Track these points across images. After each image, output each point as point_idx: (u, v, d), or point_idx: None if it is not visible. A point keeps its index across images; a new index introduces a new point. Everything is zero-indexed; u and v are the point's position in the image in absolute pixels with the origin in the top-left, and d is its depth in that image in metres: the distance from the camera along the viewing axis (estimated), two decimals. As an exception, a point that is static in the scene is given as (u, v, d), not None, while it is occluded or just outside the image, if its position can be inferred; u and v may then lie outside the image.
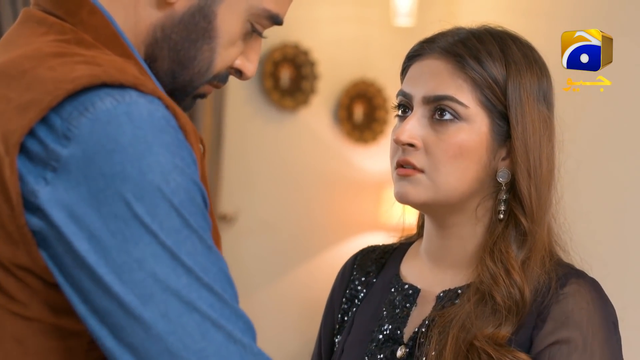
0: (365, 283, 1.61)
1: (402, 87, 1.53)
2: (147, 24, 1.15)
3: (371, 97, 4.65)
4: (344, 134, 4.64)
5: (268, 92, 4.47)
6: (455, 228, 1.50)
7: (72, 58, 1.05)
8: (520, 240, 1.46)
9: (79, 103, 1.01)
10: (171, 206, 1.00)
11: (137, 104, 1.01)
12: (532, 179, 1.46)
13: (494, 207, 1.49)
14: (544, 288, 1.43)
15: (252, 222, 4.48)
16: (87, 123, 1.00)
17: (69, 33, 1.10)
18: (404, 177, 1.47)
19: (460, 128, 1.46)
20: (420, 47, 1.52)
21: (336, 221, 4.63)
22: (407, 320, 1.52)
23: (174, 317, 0.99)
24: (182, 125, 1.05)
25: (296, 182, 4.58)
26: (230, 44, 1.18)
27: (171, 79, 1.17)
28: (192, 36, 1.15)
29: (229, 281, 1.04)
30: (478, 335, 1.41)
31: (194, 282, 1.00)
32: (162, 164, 1.00)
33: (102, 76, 1.02)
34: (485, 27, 1.52)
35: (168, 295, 0.99)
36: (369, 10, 4.66)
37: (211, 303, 1.01)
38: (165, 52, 1.15)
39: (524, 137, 1.46)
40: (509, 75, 1.47)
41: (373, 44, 4.68)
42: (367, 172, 4.68)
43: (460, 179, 1.46)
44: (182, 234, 1.00)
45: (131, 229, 0.99)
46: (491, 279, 1.44)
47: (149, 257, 0.99)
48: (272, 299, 4.53)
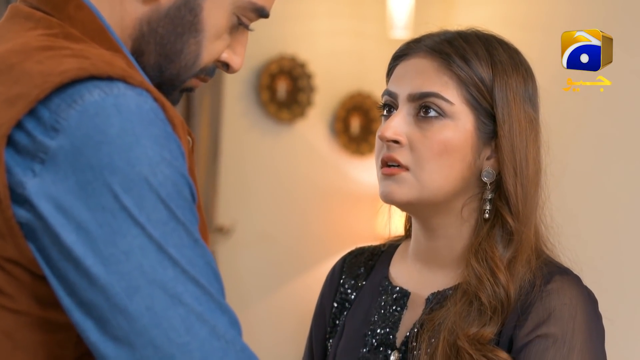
0: (354, 286, 1.61)
1: (387, 86, 1.53)
2: (133, 18, 1.15)
3: (367, 109, 4.66)
4: (341, 146, 4.65)
5: (265, 104, 4.48)
6: (441, 229, 1.50)
7: (60, 51, 1.05)
8: (507, 240, 1.46)
9: (67, 96, 1.01)
10: (158, 198, 1.00)
11: (125, 96, 1.01)
12: (518, 178, 1.46)
13: (480, 207, 1.48)
14: (528, 286, 1.43)
15: (249, 234, 4.48)
16: (75, 115, 1.00)
17: (57, 27, 1.10)
18: (388, 176, 1.47)
19: (445, 125, 1.46)
20: (406, 47, 1.53)
21: (333, 233, 4.64)
22: (398, 324, 1.52)
23: (159, 311, 0.99)
24: (170, 118, 1.05)
25: (293, 194, 4.59)
26: (217, 37, 1.18)
27: (158, 73, 1.17)
28: (179, 30, 1.15)
29: (215, 275, 1.04)
30: (461, 335, 1.41)
31: (180, 275, 1.00)
32: (149, 156, 1.00)
33: (90, 69, 1.02)
34: (472, 29, 1.52)
35: (154, 288, 0.99)
36: (366, 23, 4.68)
37: (197, 296, 1.01)
38: (152, 46, 1.16)
39: (510, 135, 1.46)
40: (495, 75, 1.47)
41: (369, 57, 4.69)
42: (364, 185, 4.68)
43: (445, 177, 1.45)
44: (169, 226, 1.00)
45: (119, 221, 0.98)
46: (476, 280, 1.44)
47: (136, 249, 0.99)
48: (268, 311, 4.53)
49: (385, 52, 4.72)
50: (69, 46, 1.07)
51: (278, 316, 4.54)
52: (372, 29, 4.67)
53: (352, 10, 4.67)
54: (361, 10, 4.68)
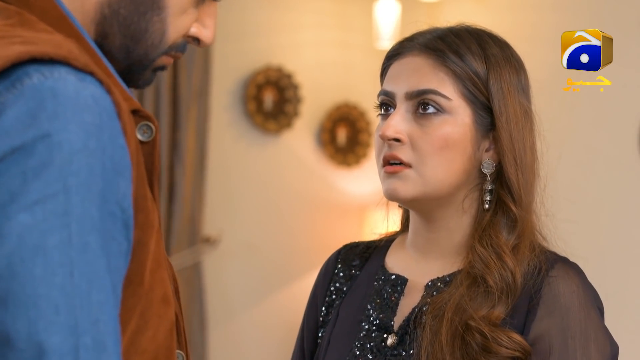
0: (349, 277, 1.62)
1: (383, 86, 1.54)
2: (94, 2, 1.13)
3: (354, 120, 4.67)
4: (327, 157, 4.66)
5: (251, 115, 4.48)
6: (442, 221, 1.52)
7: (10, 39, 1.04)
8: (510, 227, 1.48)
9: (9, 81, 0.99)
10: (63, 188, 0.97)
11: (65, 81, 0.99)
12: (518, 167, 1.48)
13: (480, 197, 1.51)
14: (534, 272, 1.45)
15: (236, 245, 4.48)
16: (11, 98, 0.98)
17: (14, 17, 1.09)
18: (392, 174, 1.48)
19: (445, 121, 1.48)
20: (399, 46, 1.55)
21: (319, 244, 4.64)
22: (396, 309, 1.53)
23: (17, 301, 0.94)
24: (116, 103, 1.03)
25: (279, 205, 4.59)
26: (182, 12, 1.16)
27: (125, 54, 1.15)
28: (141, 9, 1.13)
29: (91, 282, 0.98)
30: (474, 315, 1.42)
31: (48, 275, 0.95)
32: (71, 143, 0.97)
33: (31, 51, 1.01)
34: (462, 25, 1.55)
35: (20, 279, 0.95)
36: (352, 34, 4.69)
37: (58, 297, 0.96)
38: (116, 28, 1.14)
39: (508, 126, 1.49)
40: (489, 69, 1.49)
41: (356, 68, 4.70)
42: (350, 195, 4.69)
43: (447, 171, 1.48)
44: (59, 220, 0.96)
45: (14, 205, 0.96)
46: (483, 264, 1.46)
47: (14, 236, 0.95)
48: (254, 321, 4.53)
49: (371, 63, 4.75)
50: (21, 34, 1.05)
51: (264, 326, 4.53)
52: (359, 40, 4.68)
53: (338, 22, 4.68)
54: (347, 22, 4.69)
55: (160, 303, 1.10)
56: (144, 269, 1.07)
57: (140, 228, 1.06)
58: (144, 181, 1.09)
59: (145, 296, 1.08)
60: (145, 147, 1.11)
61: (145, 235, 1.07)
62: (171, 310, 1.12)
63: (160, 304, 1.10)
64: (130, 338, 1.06)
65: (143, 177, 1.09)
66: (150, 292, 1.08)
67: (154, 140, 1.11)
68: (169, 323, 1.11)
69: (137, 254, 1.06)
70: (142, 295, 1.07)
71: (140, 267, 1.07)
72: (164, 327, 1.10)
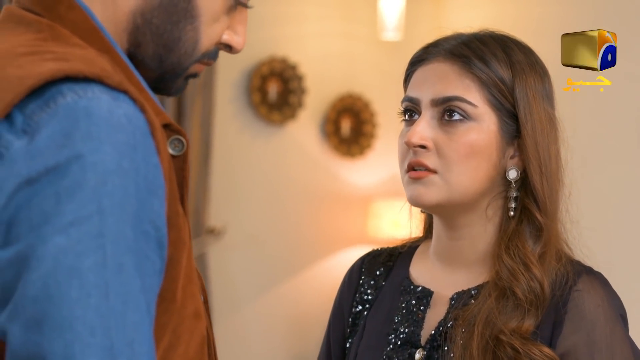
0: (374, 286, 1.62)
1: (407, 92, 1.54)
2: (126, 11, 1.13)
3: (358, 111, 4.67)
4: (331, 148, 4.66)
5: (256, 106, 4.49)
6: (466, 228, 1.52)
7: (43, 55, 1.04)
8: (536, 236, 1.48)
9: (42, 101, 0.99)
10: (98, 209, 0.96)
11: (99, 100, 0.99)
12: (543, 175, 1.48)
13: (504, 205, 1.50)
14: (562, 281, 1.46)
15: (240, 236, 4.48)
16: (45, 117, 0.98)
17: (46, 31, 1.08)
18: (416, 179, 1.48)
19: (470, 128, 1.48)
20: (423, 52, 1.54)
21: (323, 235, 4.64)
22: (422, 323, 1.52)
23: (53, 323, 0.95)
24: (150, 121, 1.02)
25: (284, 196, 4.59)
26: (214, 21, 1.16)
27: (158, 63, 1.15)
28: (174, 18, 1.13)
29: (126, 303, 0.98)
30: (504, 329, 1.43)
31: (84, 297, 0.96)
32: (105, 163, 0.97)
33: (65, 69, 1.00)
34: (485, 31, 1.54)
35: (55, 302, 0.95)
36: (356, 25, 4.69)
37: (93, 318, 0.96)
38: (149, 37, 1.13)
39: (533, 134, 1.48)
40: (514, 75, 1.49)
41: (360, 59, 4.70)
42: (355, 186, 4.69)
43: (473, 178, 1.47)
44: (95, 242, 0.96)
45: (48, 226, 0.96)
46: (510, 275, 1.45)
47: (48, 258, 0.95)
48: (259, 313, 4.53)
49: (375, 54, 4.75)
50: (53, 50, 1.05)
51: (269, 318, 4.54)
52: (363, 31, 4.68)
53: (342, 13, 4.67)
54: (351, 13, 4.69)
55: (192, 318, 1.10)
56: (176, 285, 1.07)
57: (173, 245, 1.06)
58: (176, 198, 1.08)
59: (178, 313, 1.08)
60: (176, 162, 1.11)
61: (177, 252, 1.07)
62: (202, 324, 1.12)
63: (192, 319, 1.10)
64: (163, 354, 1.07)
65: (175, 193, 1.08)
66: (182, 308, 1.09)
67: (184, 154, 1.11)
68: (200, 338, 1.11)
69: (169, 271, 1.06)
70: (174, 312, 1.08)
71: (173, 284, 1.07)
72: (195, 342, 1.10)
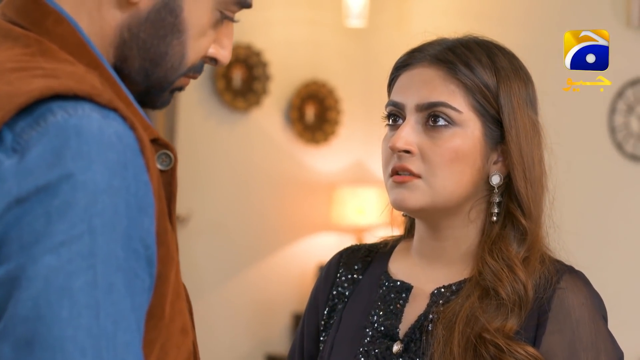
0: (351, 281, 1.62)
1: (391, 97, 1.54)
2: (113, 26, 1.12)
3: (323, 98, 4.67)
4: (296, 134, 4.66)
5: (220, 93, 4.48)
6: (448, 230, 1.53)
7: (32, 72, 1.03)
8: (520, 239, 1.49)
9: (32, 118, 0.98)
10: (88, 228, 0.96)
11: (89, 118, 0.98)
12: (528, 180, 1.49)
13: (487, 209, 1.52)
14: (545, 283, 1.47)
15: (205, 223, 4.48)
16: (35, 136, 0.97)
17: (34, 45, 1.07)
18: (400, 183, 1.49)
19: (455, 133, 1.48)
20: (408, 56, 1.54)
21: (288, 222, 4.65)
22: (401, 316, 1.53)
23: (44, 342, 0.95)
24: (139, 138, 1.02)
25: (248, 183, 4.59)
26: (201, 35, 1.16)
27: (144, 77, 1.14)
28: (161, 32, 1.13)
29: (116, 323, 0.98)
30: (487, 327, 1.44)
31: (74, 317, 0.95)
32: (96, 183, 0.97)
33: (55, 87, 1.00)
34: (469, 36, 1.55)
35: (46, 322, 0.95)
36: (321, 12, 4.69)
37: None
38: (135, 52, 1.13)
39: (518, 140, 1.49)
40: (499, 81, 1.50)
41: (325, 46, 4.70)
42: (319, 173, 4.70)
43: (457, 183, 1.48)
44: (85, 262, 0.96)
45: (39, 246, 0.95)
46: (494, 276, 1.47)
47: (40, 278, 0.95)
48: (223, 300, 4.54)
49: (340, 41, 4.75)
50: (43, 65, 1.04)
51: (233, 304, 4.55)
52: (328, 18, 4.68)
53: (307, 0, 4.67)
54: (317, 0, 4.69)
55: (179, 334, 1.10)
56: (164, 302, 1.07)
57: (162, 262, 1.06)
58: (165, 214, 1.08)
59: (166, 328, 1.08)
60: (164, 176, 1.10)
61: (166, 268, 1.07)
62: (189, 340, 1.12)
63: (179, 335, 1.10)
64: None
65: (164, 209, 1.08)
66: (171, 324, 1.08)
67: (172, 169, 1.11)
68: (187, 353, 1.11)
69: (158, 288, 1.06)
70: (162, 328, 1.07)
71: (161, 300, 1.07)
72: (182, 357, 1.10)
